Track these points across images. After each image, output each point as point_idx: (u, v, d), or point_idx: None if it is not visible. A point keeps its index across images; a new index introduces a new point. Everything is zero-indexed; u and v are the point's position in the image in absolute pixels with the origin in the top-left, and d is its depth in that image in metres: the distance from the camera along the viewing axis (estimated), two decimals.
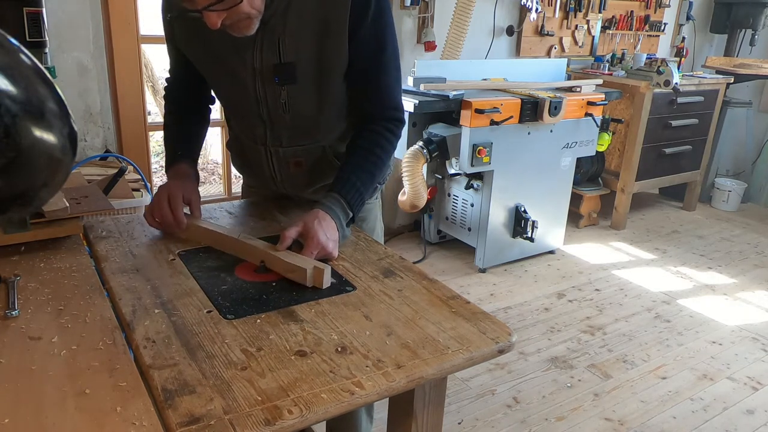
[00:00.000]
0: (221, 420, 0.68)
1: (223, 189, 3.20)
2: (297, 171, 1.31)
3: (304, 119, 1.23)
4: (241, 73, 1.18)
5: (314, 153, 1.29)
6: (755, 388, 2.33)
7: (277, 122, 1.24)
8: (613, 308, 2.91)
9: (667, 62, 3.59)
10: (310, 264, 1.03)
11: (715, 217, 4.38)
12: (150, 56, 5.68)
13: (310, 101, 1.20)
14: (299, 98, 1.19)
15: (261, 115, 1.23)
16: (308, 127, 1.25)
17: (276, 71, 1.15)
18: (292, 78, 1.15)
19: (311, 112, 1.22)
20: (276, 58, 1.14)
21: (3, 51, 0.71)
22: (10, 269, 1.03)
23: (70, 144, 0.78)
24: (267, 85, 1.18)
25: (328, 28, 1.11)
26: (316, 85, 1.18)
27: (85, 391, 0.72)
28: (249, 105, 1.22)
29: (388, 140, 1.25)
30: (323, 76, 1.17)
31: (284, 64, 1.14)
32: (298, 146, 1.28)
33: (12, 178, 0.72)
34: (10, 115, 0.68)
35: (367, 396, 0.76)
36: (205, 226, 1.19)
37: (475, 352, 0.86)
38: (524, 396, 2.19)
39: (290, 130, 1.25)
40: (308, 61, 1.14)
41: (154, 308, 0.93)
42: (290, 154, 1.29)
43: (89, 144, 2.52)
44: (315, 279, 1.02)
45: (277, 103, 1.20)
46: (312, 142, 1.27)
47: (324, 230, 1.11)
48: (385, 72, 1.21)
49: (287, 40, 1.12)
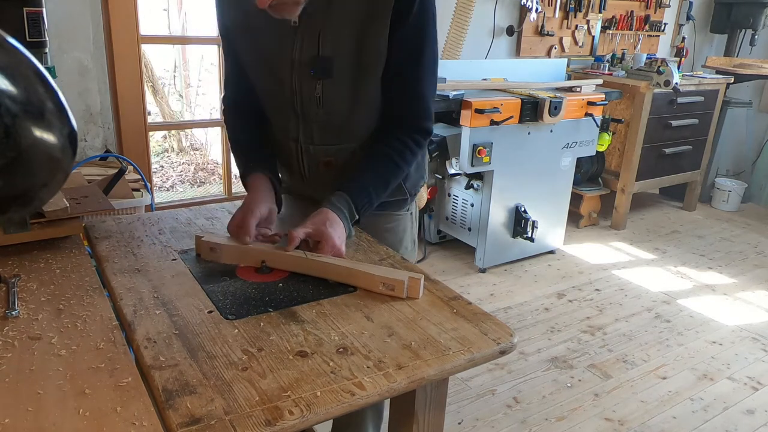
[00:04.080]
0: (222, 420, 0.68)
1: (223, 189, 3.20)
2: (326, 171, 1.28)
3: (337, 116, 1.20)
4: (279, 65, 1.17)
5: (345, 154, 1.26)
6: (755, 388, 2.33)
7: (310, 118, 1.21)
8: (613, 308, 2.91)
9: (667, 62, 3.59)
10: (404, 275, 1.01)
11: (715, 217, 4.37)
12: (150, 56, 5.68)
13: (345, 98, 1.17)
14: (334, 94, 1.17)
15: (295, 108, 1.21)
16: (341, 125, 1.22)
17: (313, 63, 1.13)
18: (329, 72, 1.13)
19: (345, 110, 1.19)
20: (315, 50, 1.12)
21: (3, 51, 0.71)
22: (10, 269, 1.03)
23: (70, 144, 0.78)
24: (303, 78, 1.16)
25: (369, 25, 1.09)
26: (352, 82, 1.15)
27: (85, 391, 0.72)
28: (284, 98, 1.20)
29: (412, 152, 1.22)
30: (360, 73, 1.14)
31: (322, 57, 1.12)
32: (329, 145, 1.25)
33: (12, 178, 0.72)
34: (10, 115, 0.68)
35: (368, 397, 0.76)
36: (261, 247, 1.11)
37: (477, 353, 0.86)
38: (524, 396, 2.19)
39: (323, 127, 1.22)
40: (346, 56, 1.12)
41: (155, 308, 0.93)
42: (321, 152, 1.26)
43: (89, 144, 2.52)
44: (410, 290, 1.01)
45: (312, 97, 1.17)
46: (343, 142, 1.24)
47: (336, 233, 1.09)
48: (421, 78, 1.18)
49: (328, 33, 1.11)
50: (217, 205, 1.43)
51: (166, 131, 6.23)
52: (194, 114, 6.84)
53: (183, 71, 6.96)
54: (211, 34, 2.98)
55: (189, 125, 7.13)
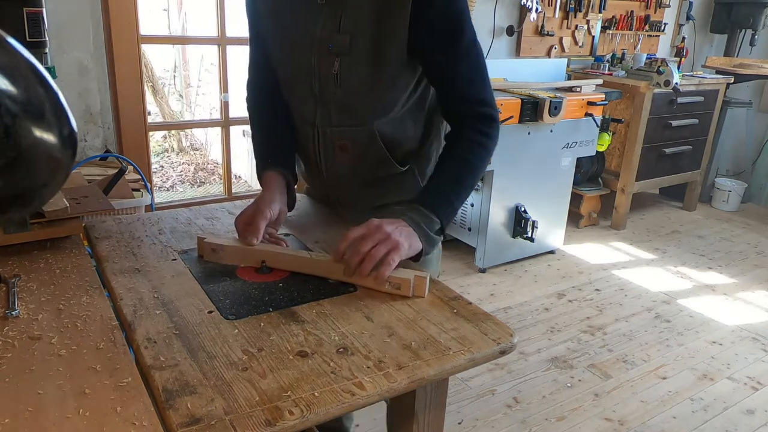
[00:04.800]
0: (222, 420, 0.68)
1: (223, 189, 3.20)
2: (342, 157, 1.24)
3: (354, 97, 1.17)
4: (301, 43, 1.17)
5: (361, 137, 1.21)
6: (755, 388, 2.33)
7: (327, 98, 1.19)
8: (613, 308, 2.91)
9: (667, 62, 3.59)
10: (410, 274, 1.00)
11: (715, 217, 4.38)
12: (150, 56, 5.68)
13: (363, 77, 1.15)
14: (351, 72, 1.14)
15: (313, 89, 1.19)
16: (358, 105, 1.18)
17: (332, 39, 1.13)
18: (347, 48, 1.12)
19: (362, 89, 1.16)
20: (336, 27, 1.12)
21: (3, 51, 0.71)
22: (10, 269, 1.03)
23: (70, 144, 0.78)
24: (322, 55, 1.15)
25: (390, 4, 1.07)
26: (370, 62, 1.13)
27: (85, 391, 0.72)
28: (303, 79, 1.19)
29: (481, 144, 1.16)
30: (378, 53, 1.11)
31: (341, 34, 1.12)
32: (345, 126, 1.21)
33: (12, 178, 0.72)
34: (10, 115, 0.68)
35: (368, 397, 0.76)
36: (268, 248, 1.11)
37: (477, 353, 0.86)
38: (524, 396, 2.19)
39: (339, 107, 1.19)
40: (364, 34, 1.10)
41: (155, 308, 0.93)
42: (337, 135, 1.22)
43: (89, 144, 2.52)
44: (416, 288, 1.00)
45: (330, 75, 1.15)
46: (360, 123, 1.20)
47: (392, 225, 1.02)
48: (463, 62, 1.13)
49: (349, 11, 1.10)
50: (217, 205, 1.43)
51: (166, 131, 6.24)
52: (194, 114, 6.84)
53: (183, 71, 6.96)
54: (211, 34, 2.98)
55: (189, 125, 7.13)
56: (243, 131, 5.55)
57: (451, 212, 1.12)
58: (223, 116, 3.02)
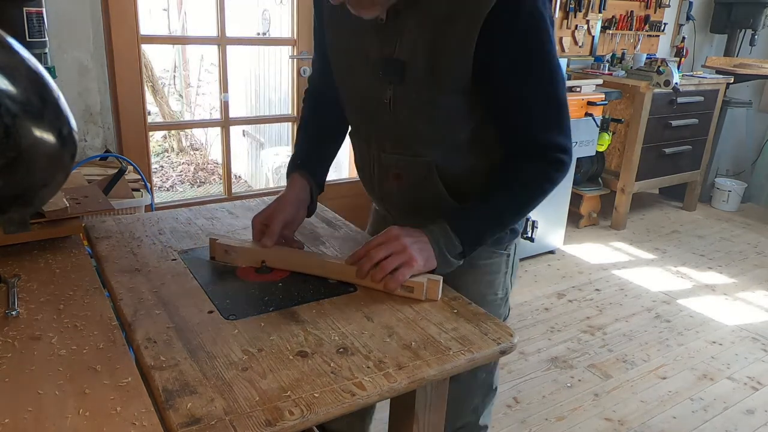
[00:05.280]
0: (222, 421, 0.68)
1: (223, 189, 3.20)
2: (396, 186, 1.15)
3: (409, 126, 1.08)
4: (356, 63, 1.10)
5: (417, 169, 1.11)
6: (755, 388, 2.33)
7: (381, 123, 1.11)
8: (613, 308, 2.91)
9: (667, 62, 3.59)
10: (423, 277, 0.99)
11: (715, 217, 4.38)
12: (150, 56, 5.68)
13: (417, 108, 1.05)
14: (405, 101, 1.05)
15: (368, 111, 1.13)
16: (413, 135, 1.09)
17: (384, 64, 1.04)
18: (399, 76, 1.03)
19: (417, 121, 1.06)
20: (391, 51, 1.03)
21: (3, 51, 0.71)
22: (10, 269, 1.03)
23: (70, 144, 0.78)
24: (375, 79, 1.07)
25: (453, 32, 0.96)
26: (426, 92, 1.02)
27: (85, 391, 0.72)
28: (358, 98, 1.14)
29: (541, 187, 1.05)
30: (435, 83, 1.01)
31: (394, 60, 1.03)
32: (400, 155, 1.12)
33: (12, 178, 0.72)
34: (10, 115, 0.68)
35: (368, 397, 0.76)
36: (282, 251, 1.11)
37: (477, 353, 0.86)
38: (524, 396, 2.19)
39: (393, 135, 1.11)
40: (421, 61, 1.00)
41: (155, 308, 0.93)
42: (392, 162, 1.13)
43: (89, 144, 2.52)
44: (429, 292, 0.98)
45: (382, 101, 1.08)
46: (415, 154, 1.10)
47: (411, 237, 0.99)
48: (539, 98, 1.01)
49: (406, 34, 1.00)
50: (217, 205, 1.43)
51: (166, 131, 6.24)
52: (194, 114, 6.85)
53: (183, 71, 6.97)
54: (211, 34, 2.98)
55: (189, 125, 7.13)
56: (243, 131, 5.56)
57: (477, 244, 1.05)
58: (223, 116, 3.02)
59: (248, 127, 5.51)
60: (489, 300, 1.18)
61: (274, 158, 4.70)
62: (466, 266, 1.07)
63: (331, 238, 1.26)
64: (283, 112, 4.92)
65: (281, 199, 1.16)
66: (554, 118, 1.03)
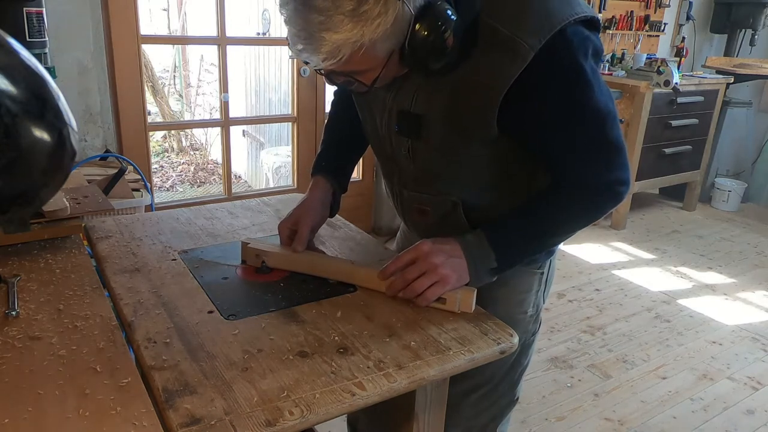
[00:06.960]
0: (222, 421, 0.68)
1: (223, 189, 3.20)
2: (422, 220, 1.13)
3: (430, 173, 1.05)
4: (375, 109, 1.07)
5: (442, 206, 1.07)
6: (755, 388, 2.33)
7: (402, 166, 1.08)
8: (613, 308, 2.91)
9: (667, 62, 3.59)
10: (458, 290, 0.96)
11: (715, 217, 4.37)
12: (150, 56, 5.68)
13: (437, 159, 1.02)
14: (424, 153, 1.02)
15: (388, 154, 1.10)
16: (435, 178, 1.06)
17: (399, 118, 1.00)
18: (416, 131, 0.99)
19: (438, 169, 1.04)
20: (408, 104, 0.98)
21: (3, 51, 0.71)
22: (10, 269, 1.03)
23: (70, 144, 0.78)
24: (392, 130, 1.04)
25: (474, 88, 0.90)
26: (447, 144, 0.99)
27: (85, 391, 0.72)
28: (378, 139, 1.11)
29: (588, 214, 1.00)
30: (456, 136, 0.97)
31: (410, 114, 0.98)
32: (423, 193, 1.09)
33: (12, 178, 0.72)
34: (10, 115, 0.68)
35: (368, 397, 0.76)
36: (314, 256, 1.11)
37: (477, 353, 0.86)
38: (524, 396, 2.19)
39: (416, 178, 1.08)
40: (438, 117, 0.96)
41: (155, 308, 0.93)
42: (415, 199, 1.11)
43: (89, 144, 2.52)
44: (462, 304, 0.96)
45: (401, 151, 1.05)
46: (439, 193, 1.07)
47: (443, 254, 0.95)
48: (586, 149, 0.94)
49: (425, 88, 0.96)
50: (217, 205, 1.43)
51: (166, 131, 6.24)
52: (194, 114, 6.85)
53: (183, 71, 6.97)
54: (211, 34, 2.98)
55: (189, 125, 7.13)
56: (243, 131, 5.55)
57: (512, 264, 1.00)
58: (223, 116, 3.02)
59: (248, 127, 5.51)
60: (517, 319, 1.12)
61: (274, 158, 4.70)
62: (497, 282, 1.03)
63: (331, 238, 1.26)
64: (282, 112, 4.92)
65: (306, 204, 1.15)
66: (605, 159, 0.96)
